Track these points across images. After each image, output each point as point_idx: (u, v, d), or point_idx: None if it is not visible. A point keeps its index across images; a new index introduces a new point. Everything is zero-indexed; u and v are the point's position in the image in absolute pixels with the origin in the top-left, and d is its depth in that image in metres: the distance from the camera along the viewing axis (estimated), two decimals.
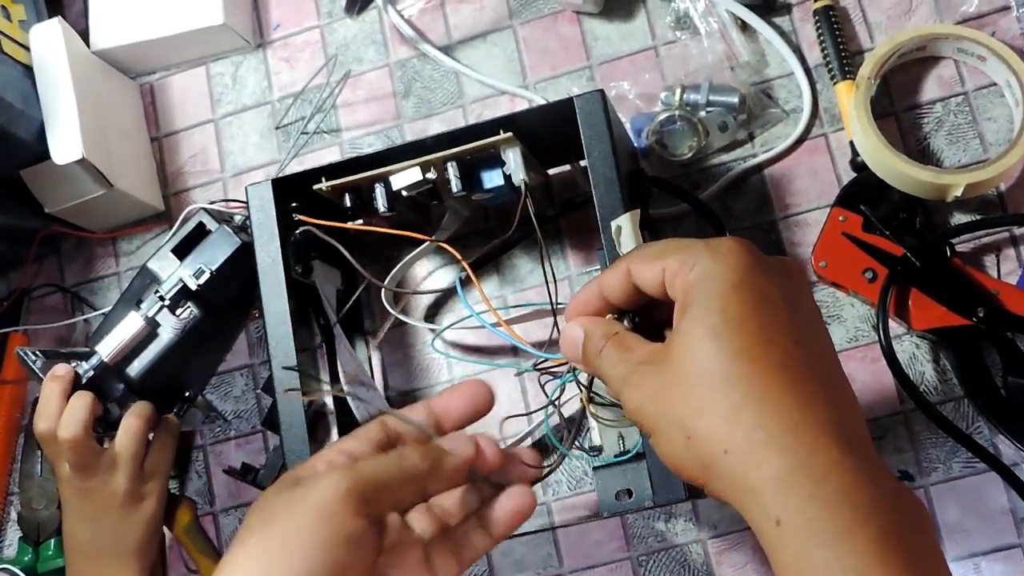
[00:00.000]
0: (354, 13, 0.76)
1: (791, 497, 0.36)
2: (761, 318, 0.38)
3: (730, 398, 0.37)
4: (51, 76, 0.72)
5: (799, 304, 0.40)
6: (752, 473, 0.37)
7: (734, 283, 0.39)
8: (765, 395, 0.37)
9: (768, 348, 0.38)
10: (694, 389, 0.38)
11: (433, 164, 0.60)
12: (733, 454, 0.37)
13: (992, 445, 0.64)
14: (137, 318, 0.67)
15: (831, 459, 0.36)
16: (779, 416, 0.37)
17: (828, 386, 0.39)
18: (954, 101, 0.69)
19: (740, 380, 0.38)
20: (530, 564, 0.69)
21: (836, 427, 0.37)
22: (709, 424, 0.38)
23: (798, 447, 0.37)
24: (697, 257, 0.40)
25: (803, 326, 0.40)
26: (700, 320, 0.39)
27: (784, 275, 0.41)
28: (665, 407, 0.39)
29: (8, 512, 0.78)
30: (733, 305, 0.38)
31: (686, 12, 0.73)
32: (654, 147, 0.71)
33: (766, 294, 0.39)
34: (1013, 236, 0.67)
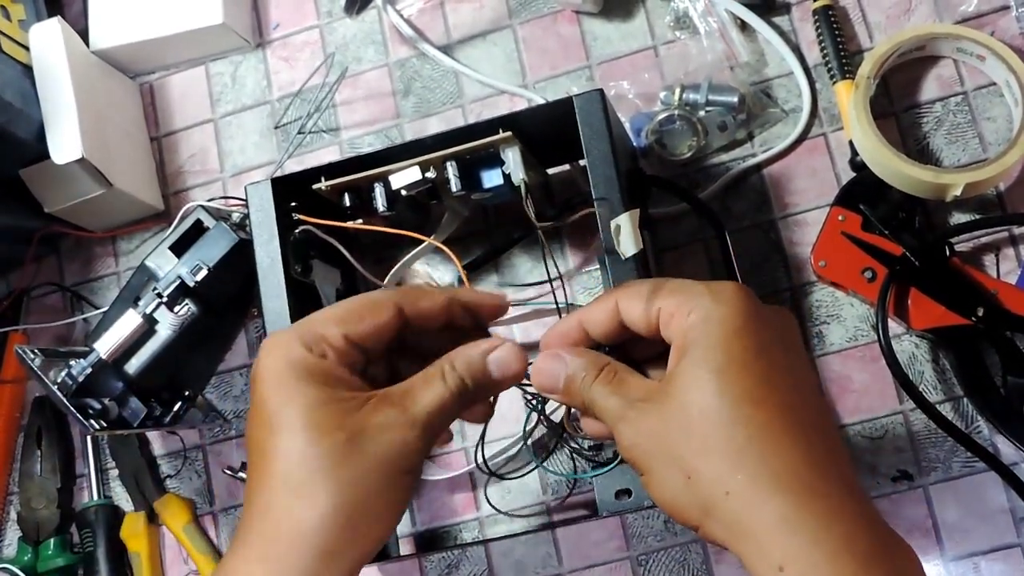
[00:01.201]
0: (353, 13, 0.76)
1: (794, 541, 0.36)
2: (763, 363, 0.39)
3: (734, 439, 0.38)
4: (51, 76, 0.72)
5: (795, 352, 0.41)
6: (754, 515, 0.37)
7: (737, 328, 0.39)
8: (768, 438, 0.38)
9: (771, 392, 0.39)
10: (697, 428, 0.38)
11: (432, 163, 0.60)
12: (735, 496, 0.37)
13: (991, 444, 0.64)
14: (135, 315, 0.67)
15: (833, 504, 0.37)
16: (782, 459, 0.37)
17: (823, 432, 0.40)
18: (953, 101, 0.69)
19: (745, 422, 0.38)
20: (529, 564, 0.69)
21: (835, 472, 0.38)
22: (711, 464, 0.38)
23: (801, 490, 0.37)
24: (698, 300, 0.40)
25: (799, 373, 0.41)
26: (703, 361, 0.39)
27: (781, 324, 0.42)
28: (664, 445, 0.39)
29: (8, 512, 0.78)
30: (737, 349, 0.39)
31: (685, 12, 0.73)
32: (653, 146, 0.71)
33: (767, 340, 0.40)
34: (1012, 236, 0.67)
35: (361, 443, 0.40)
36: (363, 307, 0.44)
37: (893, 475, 0.65)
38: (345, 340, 0.43)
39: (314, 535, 0.39)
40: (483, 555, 0.70)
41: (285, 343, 0.42)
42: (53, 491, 0.76)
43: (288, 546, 0.39)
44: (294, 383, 0.41)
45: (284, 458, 0.40)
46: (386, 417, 0.41)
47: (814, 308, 0.68)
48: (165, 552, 0.75)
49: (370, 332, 0.43)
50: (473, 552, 0.70)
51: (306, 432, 0.40)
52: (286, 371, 0.41)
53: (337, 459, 0.40)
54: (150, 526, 0.74)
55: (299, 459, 0.40)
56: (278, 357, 0.42)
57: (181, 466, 0.76)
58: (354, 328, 0.43)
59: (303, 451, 0.40)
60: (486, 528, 0.70)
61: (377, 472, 0.40)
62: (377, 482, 0.40)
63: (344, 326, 0.43)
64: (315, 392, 0.41)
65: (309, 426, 0.40)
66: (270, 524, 0.40)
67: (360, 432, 0.40)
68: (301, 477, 0.40)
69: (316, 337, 0.42)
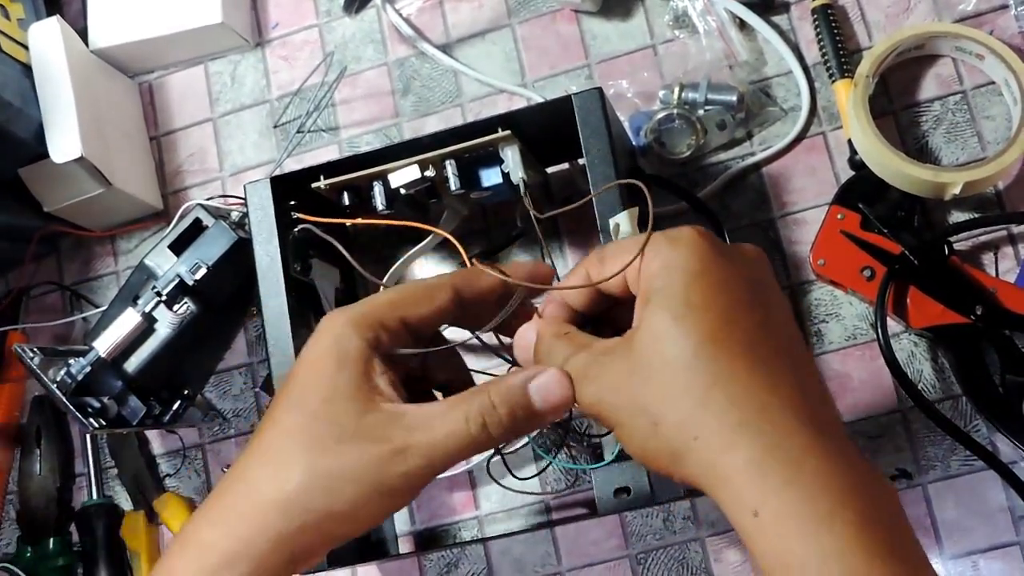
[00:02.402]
0: (353, 12, 0.76)
1: (766, 483, 0.35)
2: (723, 302, 0.38)
3: (697, 382, 0.37)
4: (50, 75, 0.72)
5: (761, 287, 0.40)
6: (724, 459, 0.36)
7: (695, 271, 0.39)
8: (733, 377, 0.37)
9: (733, 329, 0.38)
10: (660, 375, 0.38)
11: (431, 162, 0.60)
12: (704, 439, 0.37)
13: (990, 443, 0.64)
14: (134, 314, 0.67)
15: (804, 442, 0.36)
16: (749, 398, 0.37)
17: (795, 367, 0.39)
18: (952, 99, 0.69)
19: (707, 363, 0.37)
20: (528, 562, 0.69)
21: (806, 409, 0.37)
22: (677, 409, 0.37)
23: (771, 430, 0.36)
24: (657, 249, 0.40)
25: (766, 308, 0.40)
26: (663, 308, 0.38)
27: (744, 261, 0.41)
28: (629, 396, 0.39)
29: (7, 511, 0.78)
30: (695, 292, 0.38)
31: (684, 11, 0.73)
32: (652, 145, 0.71)
33: (727, 279, 0.39)
34: (1011, 234, 0.67)
35: (351, 444, 0.40)
36: (421, 291, 0.44)
37: (892, 474, 0.65)
38: (402, 323, 0.43)
39: (271, 513, 0.40)
40: (482, 553, 0.70)
41: (339, 325, 0.42)
42: (52, 490, 0.76)
43: (244, 516, 0.40)
44: (328, 365, 0.42)
45: (277, 424, 0.42)
46: (384, 433, 0.41)
47: (813, 307, 0.68)
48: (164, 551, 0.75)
49: (428, 315, 0.44)
50: (472, 551, 0.70)
51: (306, 413, 0.41)
52: (328, 351, 0.42)
53: (319, 448, 0.40)
54: (149, 525, 0.74)
55: (286, 431, 0.41)
56: (329, 333, 0.42)
57: (180, 465, 0.76)
58: (412, 311, 0.43)
59: (294, 426, 0.41)
60: (485, 526, 0.70)
61: (355, 478, 0.40)
62: (352, 486, 0.40)
63: (402, 309, 0.43)
64: (340, 382, 0.41)
65: (312, 410, 0.41)
66: (239, 486, 0.41)
67: (356, 434, 0.40)
68: (280, 445, 0.41)
69: (372, 321, 0.43)
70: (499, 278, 0.45)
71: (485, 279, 0.45)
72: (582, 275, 0.43)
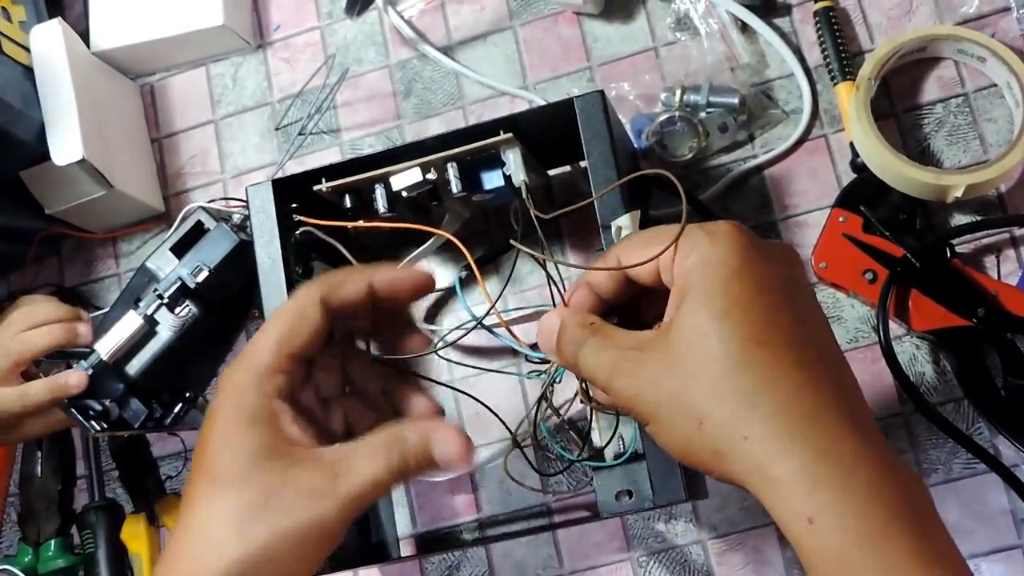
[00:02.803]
0: (354, 14, 0.76)
1: (820, 492, 0.36)
2: (765, 301, 0.38)
3: (745, 383, 0.37)
4: (51, 77, 0.72)
5: (797, 286, 0.41)
6: (774, 464, 0.37)
7: (735, 268, 0.39)
8: (779, 381, 0.37)
9: (775, 331, 0.38)
10: (705, 373, 0.38)
11: (433, 165, 0.60)
12: (753, 441, 0.37)
13: (992, 446, 0.64)
14: (135, 316, 0.67)
15: (853, 447, 0.36)
16: (797, 402, 0.37)
17: (832, 366, 0.39)
18: (954, 102, 0.69)
19: (753, 366, 0.37)
20: (530, 565, 0.69)
21: (848, 411, 0.37)
22: (725, 409, 0.37)
23: (820, 436, 0.36)
24: (695, 242, 0.40)
25: (802, 307, 0.40)
26: (704, 304, 0.38)
27: (780, 258, 0.41)
28: (670, 392, 0.39)
29: (8, 513, 0.78)
30: (737, 289, 0.38)
31: (686, 13, 0.73)
32: (654, 148, 0.71)
33: (767, 277, 0.39)
34: (1013, 237, 0.67)
35: (277, 506, 0.40)
36: (292, 319, 0.44)
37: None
38: (291, 360, 0.43)
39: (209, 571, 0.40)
40: (484, 556, 0.70)
41: (239, 387, 0.43)
42: (54, 492, 0.75)
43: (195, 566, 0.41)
44: (236, 428, 0.42)
45: (204, 501, 0.41)
46: (310, 483, 0.41)
47: None
48: None
49: (307, 340, 0.44)
50: (474, 553, 0.70)
51: (233, 484, 0.41)
52: (234, 413, 0.42)
53: (254, 515, 0.40)
54: (151, 527, 0.74)
55: (216, 508, 0.41)
56: (232, 394, 0.43)
57: (182, 467, 0.76)
58: (292, 343, 0.43)
59: (221, 501, 0.41)
60: (487, 529, 0.70)
61: (288, 538, 0.40)
62: (287, 545, 0.40)
63: (284, 347, 0.43)
64: (251, 442, 0.41)
65: (233, 479, 0.41)
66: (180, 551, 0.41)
67: (279, 493, 0.40)
68: (213, 524, 0.41)
69: (263, 371, 0.43)
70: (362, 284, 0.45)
71: (347, 288, 0.45)
72: (613, 260, 0.43)
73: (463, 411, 0.71)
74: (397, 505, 0.71)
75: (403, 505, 0.71)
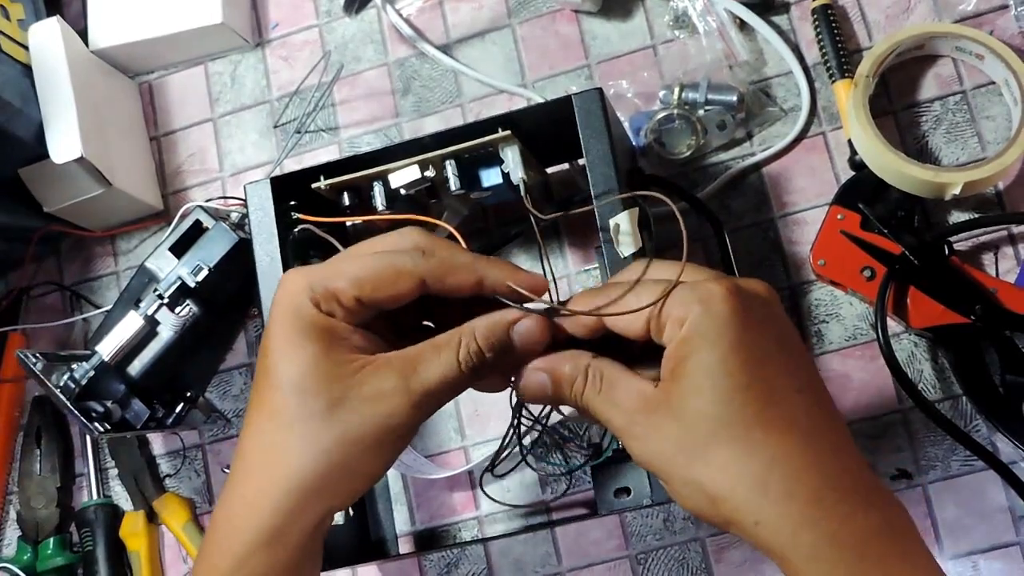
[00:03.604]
0: (353, 12, 0.76)
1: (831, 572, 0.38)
2: (764, 375, 0.39)
3: (753, 468, 0.38)
4: (50, 75, 0.72)
5: (787, 343, 0.41)
6: (787, 545, 0.38)
7: (732, 342, 0.39)
8: (786, 462, 0.38)
9: (777, 408, 0.39)
10: (712, 454, 0.38)
11: (432, 162, 0.60)
12: (765, 526, 0.38)
13: (990, 443, 0.64)
14: (136, 317, 0.67)
15: (859, 526, 0.38)
16: (804, 483, 0.38)
17: (831, 428, 0.40)
18: (952, 100, 0.69)
19: (760, 447, 0.38)
20: (528, 562, 0.69)
21: (851, 481, 0.39)
22: (736, 493, 0.38)
23: (828, 519, 0.38)
24: (687, 309, 0.39)
25: (796, 368, 0.40)
26: (706, 384, 0.39)
27: (769, 316, 0.41)
28: (681, 468, 0.39)
29: (7, 511, 0.78)
30: (736, 367, 0.38)
31: (684, 11, 0.73)
32: (652, 146, 0.71)
33: (763, 347, 0.39)
34: (1011, 234, 0.67)
35: (346, 409, 0.41)
36: (384, 274, 0.42)
37: (892, 474, 0.65)
38: (357, 302, 0.42)
39: (285, 490, 0.41)
40: (482, 554, 0.70)
41: (298, 292, 0.42)
42: (52, 490, 0.76)
43: (260, 493, 0.42)
44: (296, 337, 0.41)
45: (271, 413, 0.42)
46: (381, 384, 0.41)
47: (813, 307, 0.68)
48: (164, 551, 0.75)
49: (385, 300, 0.42)
50: (472, 551, 0.70)
51: (295, 394, 0.41)
52: (291, 323, 0.42)
53: (320, 423, 0.41)
54: (149, 525, 0.74)
55: (284, 418, 0.41)
56: (289, 301, 0.42)
57: (180, 465, 0.76)
58: (369, 294, 0.42)
59: (290, 411, 0.41)
60: (485, 527, 0.70)
61: (358, 441, 0.41)
62: (356, 449, 0.41)
63: (359, 289, 0.42)
64: (313, 350, 0.41)
65: (299, 388, 0.41)
66: (252, 467, 0.42)
67: (347, 398, 0.41)
68: (282, 435, 0.41)
69: (327, 293, 0.42)
70: (473, 277, 0.42)
71: (453, 278, 0.42)
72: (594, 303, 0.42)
73: (462, 410, 0.71)
74: (395, 503, 0.71)
75: (401, 503, 0.71)
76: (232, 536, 0.42)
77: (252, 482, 0.42)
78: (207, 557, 0.43)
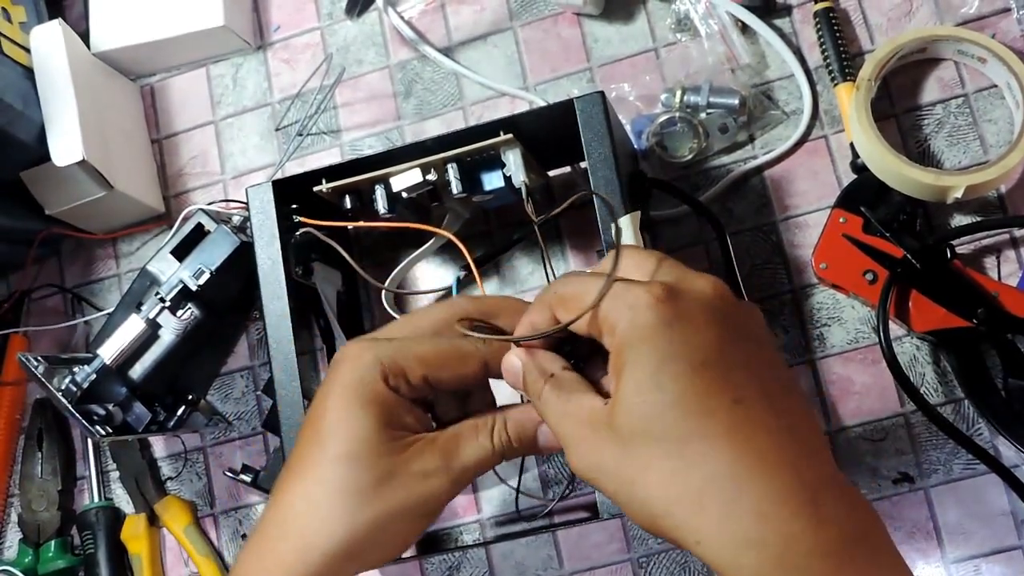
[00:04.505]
0: (354, 15, 0.76)
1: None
2: (700, 386, 0.37)
3: (691, 483, 0.36)
4: (51, 78, 0.72)
5: (731, 346, 0.38)
6: (729, 569, 0.36)
7: (662, 354, 0.37)
8: (726, 476, 0.36)
9: (715, 419, 0.36)
10: (649, 472, 0.37)
11: (433, 166, 0.60)
12: (705, 545, 0.36)
13: (992, 447, 0.64)
14: (138, 320, 0.67)
15: (811, 545, 0.35)
16: (745, 501, 0.35)
17: (783, 436, 0.37)
18: (954, 103, 0.69)
19: (697, 462, 0.36)
20: (530, 566, 0.69)
21: (807, 494, 0.36)
22: (674, 513, 0.37)
23: (772, 540, 0.35)
24: (618, 314, 0.38)
25: (741, 370, 0.38)
26: (636, 398, 0.37)
27: (710, 318, 0.38)
28: (624, 484, 0.38)
29: (8, 514, 0.78)
30: (667, 380, 0.37)
31: (686, 14, 0.73)
32: (654, 149, 0.71)
33: (698, 355, 0.37)
34: (1013, 238, 0.67)
35: (393, 485, 0.42)
36: (451, 356, 0.44)
37: (894, 477, 0.65)
38: (424, 381, 0.44)
39: (323, 553, 0.42)
40: (484, 557, 0.70)
41: (366, 363, 0.44)
42: (54, 493, 0.76)
43: (292, 552, 0.43)
44: (356, 408, 0.43)
45: (318, 479, 0.43)
46: (426, 464, 0.43)
47: (815, 310, 0.68)
48: (166, 554, 0.75)
49: (450, 380, 0.45)
50: (474, 554, 0.70)
51: (347, 465, 0.42)
52: (354, 392, 0.43)
53: (368, 496, 0.42)
54: (151, 528, 0.74)
55: (333, 485, 0.42)
56: (354, 372, 0.44)
57: (182, 468, 0.76)
58: (436, 374, 0.44)
59: (340, 480, 0.42)
60: (487, 530, 0.70)
61: (399, 516, 0.43)
62: (396, 523, 0.43)
63: (428, 369, 0.44)
64: (371, 423, 0.43)
65: (352, 458, 0.42)
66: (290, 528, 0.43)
67: (395, 474, 0.43)
68: (329, 502, 0.42)
69: (397, 369, 0.44)
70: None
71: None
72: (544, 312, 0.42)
73: None
74: None
75: None
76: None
77: (289, 541, 0.43)
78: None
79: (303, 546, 0.42)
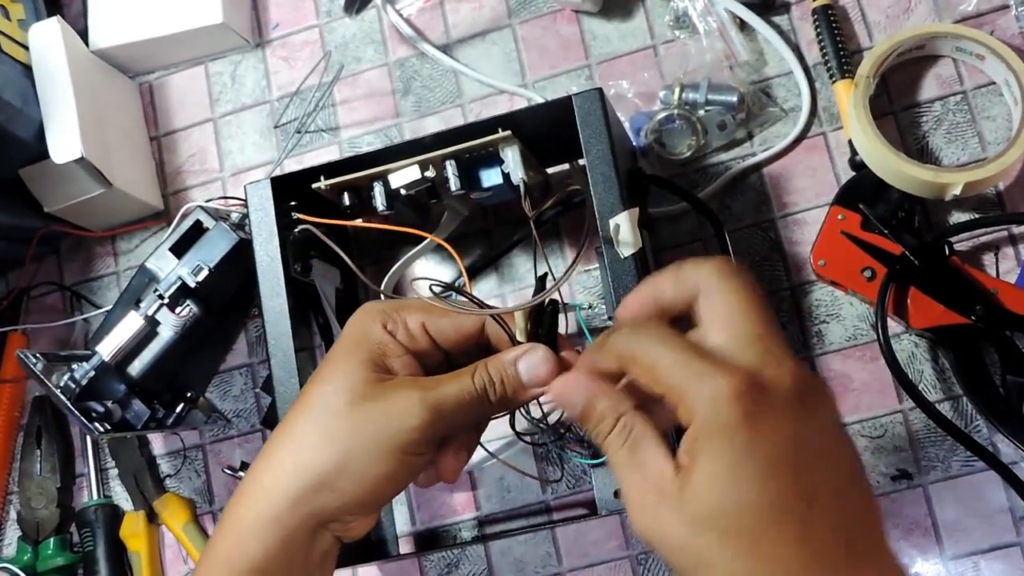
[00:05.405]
0: (353, 12, 0.76)
1: None
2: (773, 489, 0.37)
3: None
4: (50, 75, 0.72)
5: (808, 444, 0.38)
6: None
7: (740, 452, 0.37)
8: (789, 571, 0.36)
9: (787, 524, 0.37)
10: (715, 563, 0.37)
11: (432, 163, 0.60)
12: None
13: (991, 443, 0.64)
14: (136, 317, 0.67)
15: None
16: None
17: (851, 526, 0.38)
18: (953, 100, 0.69)
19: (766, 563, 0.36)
20: (529, 563, 0.69)
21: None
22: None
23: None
24: (697, 404, 0.38)
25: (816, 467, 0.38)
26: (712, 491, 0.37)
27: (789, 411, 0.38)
28: (683, 562, 0.38)
29: (7, 511, 0.78)
30: (745, 478, 0.36)
31: (685, 11, 0.73)
32: (653, 146, 0.71)
33: (775, 449, 0.37)
34: (1011, 235, 0.67)
35: (366, 407, 0.45)
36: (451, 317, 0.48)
37: (893, 474, 0.65)
38: (423, 330, 0.47)
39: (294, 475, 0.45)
40: (483, 554, 0.70)
41: (369, 312, 0.48)
42: (53, 490, 0.76)
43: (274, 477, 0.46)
44: (352, 348, 0.47)
45: (302, 407, 0.46)
46: (400, 394, 0.45)
47: (813, 307, 0.68)
48: (165, 551, 0.75)
49: (449, 332, 0.48)
50: (472, 551, 0.70)
51: (327, 391, 0.46)
52: (354, 337, 0.47)
53: (338, 417, 0.45)
54: (150, 525, 0.74)
55: (311, 411, 0.46)
56: (357, 326, 0.48)
57: (181, 465, 0.76)
58: (436, 324, 0.48)
59: (317, 405, 0.46)
60: (485, 527, 0.70)
61: (370, 439, 0.44)
62: (367, 448, 0.44)
63: (427, 315, 0.47)
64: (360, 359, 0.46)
65: (332, 387, 0.46)
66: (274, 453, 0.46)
67: (371, 398, 0.45)
68: (304, 425, 0.46)
69: (397, 316, 0.47)
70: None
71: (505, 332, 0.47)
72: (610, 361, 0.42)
73: None
74: (396, 503, 0.71)
75: (402, 503, 0.71)
76: (240, 519, 0.46)
77: (272, 467, 0.46)
78: (214, 542, 0.47)
79: (280, 468, 0.45)
